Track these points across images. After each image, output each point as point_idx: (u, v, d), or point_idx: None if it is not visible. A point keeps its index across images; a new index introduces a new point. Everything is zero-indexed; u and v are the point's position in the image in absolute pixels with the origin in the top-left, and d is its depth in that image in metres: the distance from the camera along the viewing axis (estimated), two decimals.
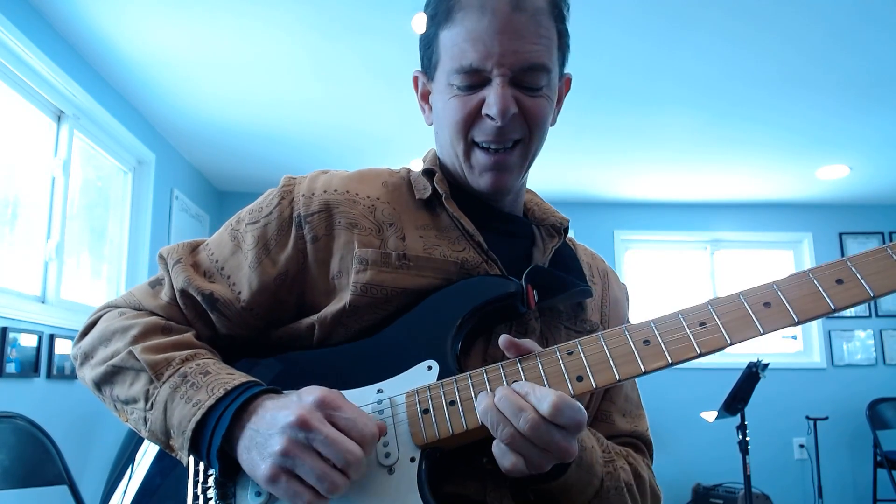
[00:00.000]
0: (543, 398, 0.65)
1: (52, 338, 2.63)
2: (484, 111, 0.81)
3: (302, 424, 0.65)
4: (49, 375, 2.60)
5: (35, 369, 2.53)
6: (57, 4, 2.49)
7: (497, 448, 0.67)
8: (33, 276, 2.69)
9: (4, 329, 2.35)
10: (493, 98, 0.79)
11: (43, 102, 2.75)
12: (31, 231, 2.69)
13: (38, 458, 1.83)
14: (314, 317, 0.81)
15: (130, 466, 0.83)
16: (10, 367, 2.37)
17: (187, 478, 0.75)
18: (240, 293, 0.83)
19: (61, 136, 2.87)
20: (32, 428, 1.84)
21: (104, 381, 0.80)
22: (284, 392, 0.73)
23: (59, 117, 2.87)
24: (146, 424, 0.75)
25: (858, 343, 4.87)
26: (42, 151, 2.78)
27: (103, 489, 0.84)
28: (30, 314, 2.52)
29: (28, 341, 2.49)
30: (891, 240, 5.01)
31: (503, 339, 0.73)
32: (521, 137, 0.83)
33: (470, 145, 0.84)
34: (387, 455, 0.71)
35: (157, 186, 3.66)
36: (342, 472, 0.65)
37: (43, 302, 2.71)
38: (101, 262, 3.31)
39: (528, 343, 0.74)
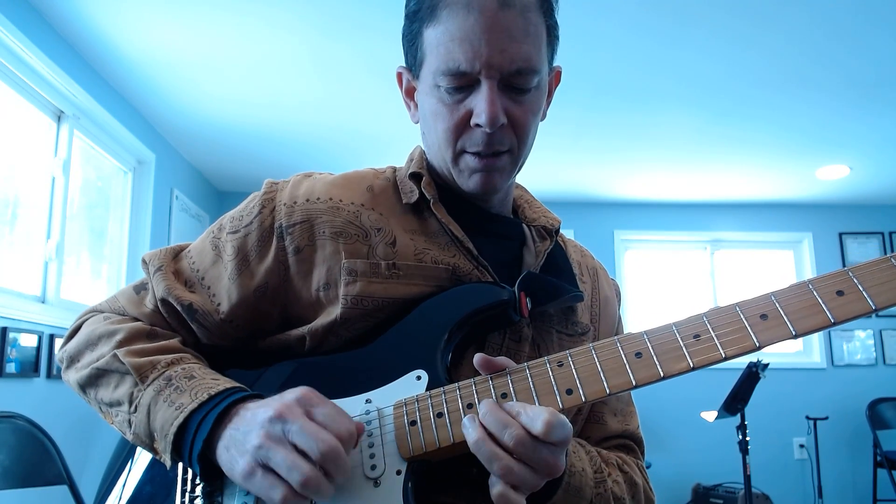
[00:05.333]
0: (536, 417, 0.63)
1: (52, 338, 2.62)
2: (473, 121, 0.79)
3: (279, 417, 0.65)
4: (49, 375, 2.60)
5: (35, 369, 2.53)
6: (57, 4, 2.49)
7: (490, 479, 0.65)
8: (33, 276, 2.69)
9: (4, 329, 2.35)
10: (482, 106, 0.77)
11: (43, 102, 2.75)
12: (31, 231, 2.69)
13: (38, 458, 1.83)
14: (304, 328, 0.80)
15: (129, 462, 0.83)
16: (10, 367, 2.37)
17: (175, 484, 0.75)
18: (219, 305, 0.82)
19: (61, 136, 2.87)
20: (32, 428, 1.84)
21: (89, 383, 0.80)
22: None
23: (59, 117, 2.87)
24: (130, 427, 0.76)
25: (858, 343, 4.87)
26: (42, 151, 2.78)
27: (97, 492, 0.84)
28: (30, 314, 2.52)
29: (28, 341, 2.49)
30: (891, 240, 5.01)
31: (478, 357, 0.71)
32: (509, 148, 0.82)
33: (459, 153, 0.83)
34: (373, 467, 0.70)
35: (157, 186, 3.66)
36: (322, 468, 0.63)
37: (43, 302, 2.71)
38: (101, 262, 3.31)
39: (502, 360, 0.72)
